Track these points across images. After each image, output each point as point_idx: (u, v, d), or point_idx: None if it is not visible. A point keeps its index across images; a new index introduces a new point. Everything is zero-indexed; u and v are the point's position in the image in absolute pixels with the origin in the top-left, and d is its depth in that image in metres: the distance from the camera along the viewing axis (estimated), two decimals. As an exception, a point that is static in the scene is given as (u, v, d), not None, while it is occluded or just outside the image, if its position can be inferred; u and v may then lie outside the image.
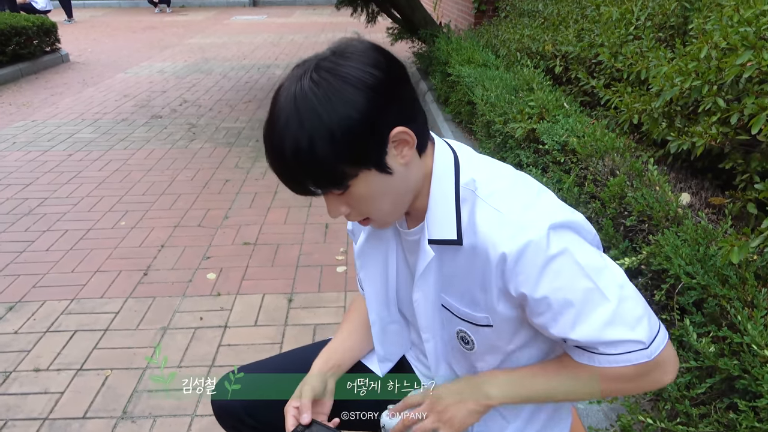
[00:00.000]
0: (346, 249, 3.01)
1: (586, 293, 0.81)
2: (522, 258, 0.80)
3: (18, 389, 2.07)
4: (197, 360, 2.20)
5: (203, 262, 2.91)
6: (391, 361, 1.18)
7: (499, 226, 0.82)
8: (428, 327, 0.99)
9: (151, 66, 8.13)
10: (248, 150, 4.60)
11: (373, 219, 0.89)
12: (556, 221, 0.81)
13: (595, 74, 2.65)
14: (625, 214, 1.79)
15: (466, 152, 0.93)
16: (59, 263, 2.92)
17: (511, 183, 0.88)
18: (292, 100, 0.76)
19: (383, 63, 0.80)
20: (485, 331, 0.92)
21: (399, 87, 0.81)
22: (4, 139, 4.89)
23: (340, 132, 0.75)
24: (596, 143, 2.01)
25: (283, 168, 0.80)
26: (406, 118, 0.81)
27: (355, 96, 0.76)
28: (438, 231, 0.88)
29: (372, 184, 0.81)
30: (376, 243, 1.02)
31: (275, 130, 0.78)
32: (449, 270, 0.91)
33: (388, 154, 0.81)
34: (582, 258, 0.81)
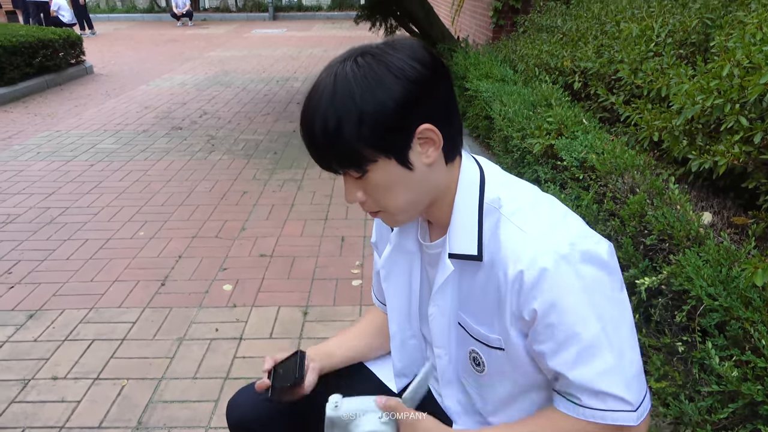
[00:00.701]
0: (362, 263, 3.01)
1: (595, 336, 0.79)
2: (541, 281, 0.79)
3: (36, 397, 2.09)
4: (212, 372, 2.21)
5: (220, 274, 2.93)
6: (407, 377, 1.18)
7: (521, 244, 0.81)
8: (442, 343, 0.98)
9: (172, 78, 8.27)
10: (266, 162, 4.64)
11: (385, 212, 0.89)
12: (581, 248, 0.79)
13: (614, 90, 2.63)
14: (645, 233, 1.76)
15: (493, 169, 0.92)
16: (79, 272, 2.96)
17: (537, 203, 0.87)
18: (333, 77, 0.79)
19: (428, 61, 0.81)
20: (497, 354, 0.91)
21: (438, 87, 0.82)
22: (29, 149, 4.99)
23: (369, 115, 0.77)
24: (616, 160, 1.99)
25: (310, 139, 0.82)
26: (438, 118, 0.82)
27: (393, 84, 0.77)
28: (459, 245, 0.88)
29: (390, 174, 0.82)
30: (401, 255, 1.02)
31: (311, 102, 0.80)
32: (468, 286, 0.91)
33: (412, 149, 0.81)
34: (599, 298, 0.80)
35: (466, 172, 0.89)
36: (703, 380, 1.42)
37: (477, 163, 0.92)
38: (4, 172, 4.42)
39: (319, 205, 3.78)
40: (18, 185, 4.15)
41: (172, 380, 2.17)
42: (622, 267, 1.89)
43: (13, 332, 2.47)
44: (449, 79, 0.85)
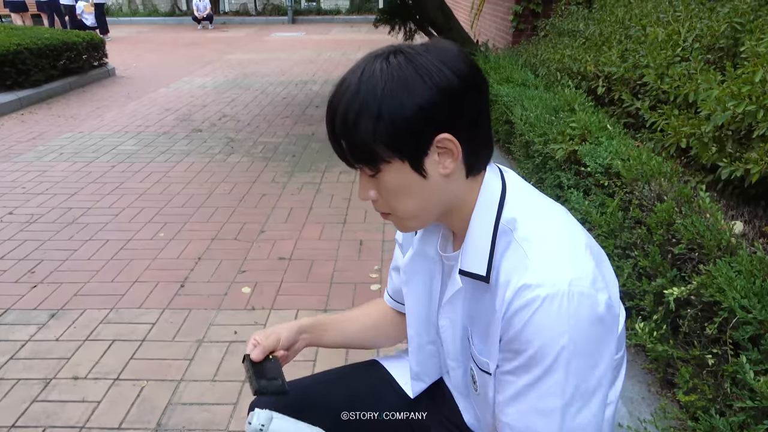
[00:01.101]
0: (380, 267, 3.00)
1: (552, 387, 0.75)
2: (526, 310, 0.75)
3: (57, 396, 2.11)
4: (231, 375, 2.20)
5: (239, 276, 2.94)
6: (424, 381, 1.16)
7: (521, 271, 0.77)
8: (455, 355, 0.97)
9: (192, 81, 8.35)
10: (285, 165, 4.65)
11: (395, 215, 0.87)
12: (580, 290, 0.74)
13: (639, 96, 2.59)
14: (673, 242, 1.72)
15: (517, 187, 0.88)
16: (100, 272, 2.98)
17: (553, 231, 0.82)
18: (361, 71, 0.79)
19: (462, 70, 0.78)
20: (485, 377, 0.89)
21: (467, 98, 0.79)
22: (52, 150, 5.07)
23: (387, 114, 0.76)
24: (642, 167, 1.95)
25: (330, 130, 0.82)
26: (461, 129, 0.79)
27: (417, 87, 0.76)
28: (470, 263, 0.86)
29: (402, 177, 0.81)
30: (422, 261, 1.01)
31: (336, 93, 0.81)
32: (476, 304, 0.89)
33: (428, 156, 0.80)
34: (578, 366, 0.75)
35: (487, 188, 0.86)
36: (735, 395, 1.38)
37: (501, 179, 0.87)
38: (29, 173, 4.49)
39: (338, 208, 3.78)
40: (42, 185, 4.21)
41: (191, 382, 2.17)
42: (650, 276, 1.86)
43: (35, 331, 2.49)
44: (482, 91, 0.82)
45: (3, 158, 4.85)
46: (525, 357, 0.76)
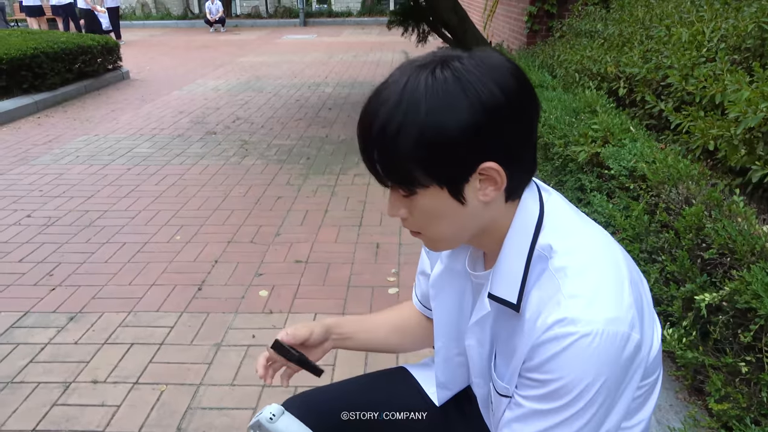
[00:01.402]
0: (398, 270, 2.98)
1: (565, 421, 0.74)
2: (555, 343, 0.72)
3: (77, 400, 2.10)
4: (250, 379, 2.19)
5: (255, 279, 2.93)
6: (450, 390, 1.14)
7: (554, 304, 0.73)
8: (480, 373, 0.94)
9: (205, 83, 8.39)
10: (299, 167, 4.64)
11: (424, 236, 0.84)
12: (615, 330, 0.71)
13: (662, 97, 2.55)
14: (703, 246, 1.68)
15: (556, 210, 0.82)
16: (117, 275, 2.99)
17: (592, 264, 0.76)
18: (404, 84, 0.72)
19: (512, 88, 0.72)
20: (501, 400, 0.86)
21: (514, 120, 0.73)
22: (68, 153, 5.10)
23: (430, 137, 0.70)
24: (669, 170, 1.91)
25: (364, 142, 0.76)
26: (506, 156, 0.73)
27: (463, 109, 0.69)
28: (500, 288, 0.82)
29: (438, 203, 0.76)
30: (452, 277, 0.98)
31: (374, 101, 0.74)
32: (502, 327, 0.85)
33: (468, 183, 0.74)
34: (597, 405, 0.73)
35: (524, 212, 0.81)
36: (772, 405, 1.34)
37: (540, 201, 0.82)
38: (46, 175, 4.52)
39: (353, 211, 3.76)
40: (59, 188, 4.24)
41: (210, 387, 2.16)
42: (678, 281, 1.82)
43: (54, 334, 2.50)
44: (534, 112, 0.76)
45: (20, 161, 4.89)
46: (546, 390, 0.74)
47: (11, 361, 2.32)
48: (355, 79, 8.52)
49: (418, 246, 3.24)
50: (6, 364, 2.30)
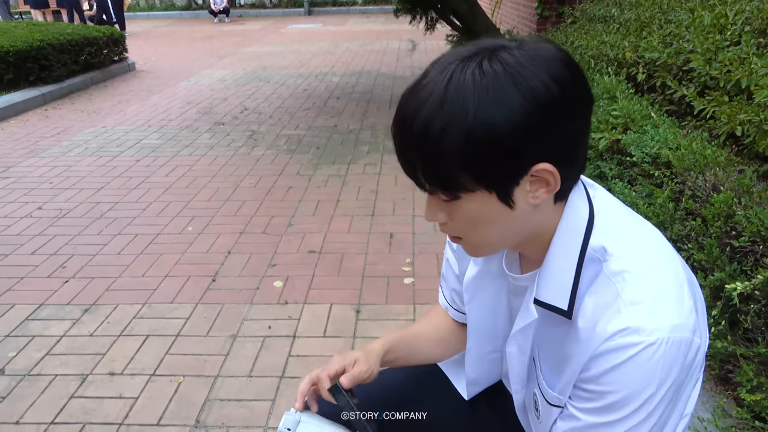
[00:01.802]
0: (412, 260, 2.95)
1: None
2: (617, 354, 0.68)
3: (94, 393, 2.09)
4: (267, 370, 2.17)
5: (269, 270, 2.91)
6: (480, 385, 1.11)
7: (614, 312, 0.69)
8: (520, 380, 0.90)
9: (211, 74, 8.34)
10: (309, 157, 4.61)
11: (466, 242, 0.78)
12: (679, 338, 0.67)
13: (683, 82, 2.49)
14: (732, 234, 1.64)
15: (607, 210, 0.77)
16: (130, 267, 2.97)
17: (652, 268, 0.71)
18: (448, 79, 0.65)
19: (567, 81, 0.66)
20: (552, 410, 0.81)
21: (570, 116, 0.67)
22: (77, 145, 5.08)
23: (479, 137, 0.64)
24: (695, 156, 1.87)
25: (402, 143, 0.70)
26: (560, 156, 0.68)
27: (517, 106, 0.63)
28: (548, 294, 0.77)
29: (485, 208, 0.70)
30: (488, 279, 0.94)
31: (412, 99, 0.68)
32: (548, 333, 0.81)
33: (518, 186, 0.68)
34: (657, 413, 0.69)
35: (572, 214, 0.75)
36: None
37: (588, 200, 0.76)
38: (55, 168, 4.50)
39: (365, 200, 3.73)
40: (68, 180, 4.22)
41: (228, 378, 2.14)
42: (705, 269, 1.78)
43: (69, 327, 2.48)
44: (589, 106, 0.70)
45: (29, 153, 4.87)
46: (605, 402, 0.71)
47: (27, 354, 2.31)
48: (362, 68, 8.45)
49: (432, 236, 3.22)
50: (22, 357, 2.29)
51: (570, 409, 0.77)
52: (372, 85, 7.28)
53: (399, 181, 4.02)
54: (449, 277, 1.11)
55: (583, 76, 0.70)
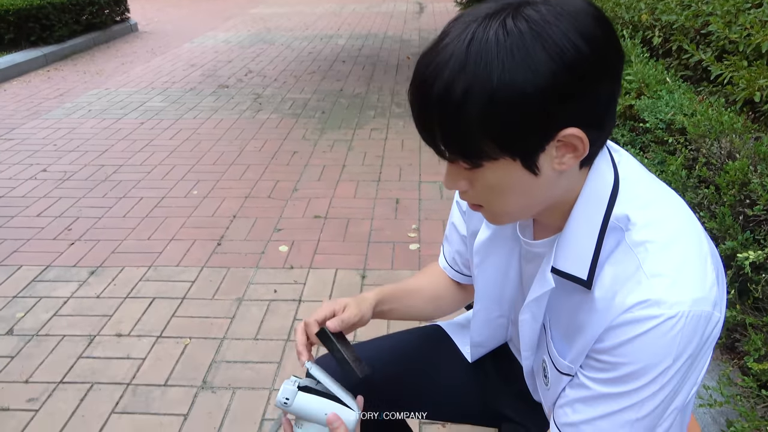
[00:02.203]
0: (418, 226, 2.93)
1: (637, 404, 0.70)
2: (635, 326, 0.66)
3: (102, 353, 2.11)
4: (273, 333, 2.19)
5: (275, 234, 2.90)
6: (485, 348, 1.11)
7: (634, 283, 0.67)
8: (530, 347, 0.88)
9: (215, 36, 8.20)
10: (315, 122, 4.55)
11: (487, 210, 0.75)
12: (700, 312, 0.66)
13: (701, 46, 2.42)
14: (746, 203, 1.61)
15: (634, 176, 0.74)
16: (136, 230, 2.97)
17: (676, 239, 0.69)
18: (469, 39, 0.61)
19: (597, 38, 0.61)
20: (561, 378, 0.80)
21: (600, 76, 0.63)
22: (80, 107, 5.03)
23: (504, 101, 0.60)
24: (711, 122, 1.82)
25: (421, 107, 0.66)
26: (589, 120, 0.64)
27: (544, 67, 0.59)
28: (566, 263, 0.74)
29: (509, 176, 0.67)
30: (500, 242, 0.91)
31: (432, 61, 0.63)
32: (563, 301, 0.79)
33: (544, 152, 0.65)
34: (671, 386, 0.68)
35: (597, 180, 0.72)
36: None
37: (614, 169, 0.73)
38: (59, 130, 4.47)
39: (371, 166, 3.69)
40: (72, 143, 4.19)
41: (234, 341, 2.16)
42: (717, 238, 1.75)
43: (76, 288, 2.50)
44: (620, 64, 0.66)
45: (33, 115, 4.83)
46: (618, 373, 0.69)
47: (35, 314, 2.33)
48: (368, 31, 8.28)
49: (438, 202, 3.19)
50: (31, 317, 2.31)
51: (581, 378, 0.75)
52: (378, 48, 7.15)
53: (405, 147, 3.98)
54: (453, 239, 1.09)
55: (614, 32, 0.65)
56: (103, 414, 1.85)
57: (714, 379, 1.66)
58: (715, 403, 1.50)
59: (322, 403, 0.85)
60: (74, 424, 1.81)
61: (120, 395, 1.92)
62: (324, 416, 0.84)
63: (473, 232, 0.98)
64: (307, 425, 0.86)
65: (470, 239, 1.00)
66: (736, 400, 1.54)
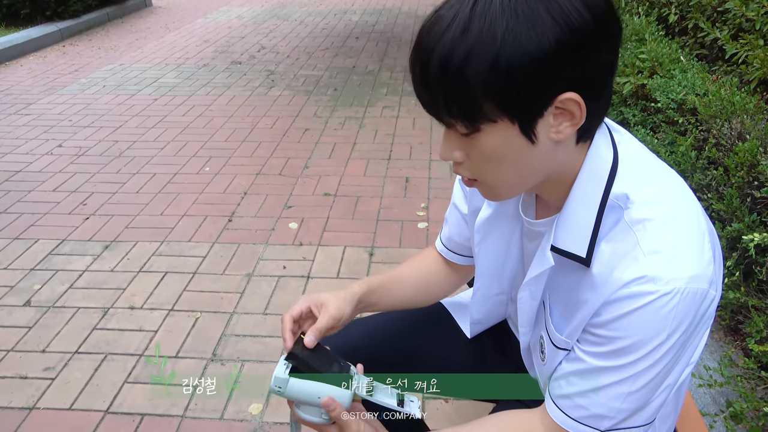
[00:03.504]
0: (427, 205, 2.94)
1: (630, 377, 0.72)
2: (632, 301, 0.68)
3: (115, 325, 2.17)
4: (282, 308, 2.23)
5: (285, 211, 2.93)
6: (484, 324, 1.13)
7: (630, 260, 0.69)
8: (528, 323, 0.90)
9: (229, 11, 8.16)
10: (326, 99, 4.54)
11: (483, 184, 0.76)
12: (695, 288, 0.67)
13: (717, 24, 2.37)
14: (755, 184, 1.60)
15: (633, 157, 0.75)
16: (149, 206, 3.02)
17: (674, 217, 0.70)
18: (472, 2, 0.63)
19: (600, 6, 0.64)
20: (558, 353, 0.82)
21: (600, 44, 0.65)
22: (95, 83, 5.07)
23: (507, 61, 0.61)
24: (722, 103, 1.80)
25: (422, 72, 0.67)
26: (588, 87, 0.65)
27: (548, 29, 0.61)
28: (566, 241, 0.75)
29: (505, 141, 0.68)
30: (502, 220, 0.92)
31: (434, 26, 0.65)
32: (562, 278, 0.80)
33: (542, 118, 0.66)
34: (664, 362, 0.70)
35: (596, 157, 0.73)
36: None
37: (613, 144, 0.74)
38: (74, 105, 4.51)
39: (382, 144, 3.69)
40: (87, 118, 4.24)
41: (243, 315, 2.21)
42: (723, 220, 1.75)
43: (91, 262, 2.56)
44: (619, 36, 0.68)
45: (48, 90, 4.88)
46: (613, 347, 0.71)
47: (52, 287, 2.39)
48: (383, 6, 8.18)
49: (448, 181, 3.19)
50: (47, 289, 2.37)
51: (577, 351, 0.77)
52: (392, 24, 7.07)
53: (417, 125, 3.96)
54: (452, 219, 1.09)
55: (613, 5, 0.67)
56: (116, 383, 1.91)
57: (715, 360, 1.67)
58: (715, 384, 1.51)
59: (315, 387, 0.85)
60: (89, 391, 1.88)
61: (133, 366, 1.98)
62: (318, 399, 0.85)
63: (475, 209, 0.98)
64: (305, 407, 0.87)
65: (471, 217, 1.00)
66: (736, 381, 1.55)
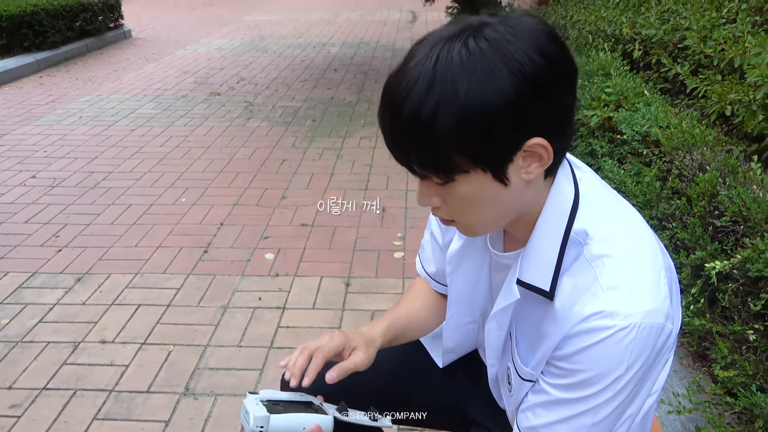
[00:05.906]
0: (404, 234, 2.97)
1: (591, 409, 0.74)
2: (591, 335, 0.70)
3: (86, 360, 2.13)
4: (256, 340, 2.21)
5: (261, 242, 2.93)
6: (456, 353, 1.14)
7: (589, 295, 0.71)
8: (495, 354, 0.92)
9: (209, 43, 8.24)
10: (305, 130, 4.59)
11: (460, 224, 0.79)
12: (652, 323, 0.69)
13: (678, 60, 2.48)
14: (715, 214, 1.66)
15: (593, 192, 0.78)
16: (123, 237, 2.99)
17: (631, 255, 0.73)
18: (435, 60, 0.65)
19: (553, 53, 0.66)
20: (524, 385, 0.84)
21: (558, 88, 0.67)
22: (72, 113, 5.05)
23: (472, 116, 0.64)
24: (684, 135, 1.87)
25: (393, 127, 0.69)
26: (552, 129, 0.68)
27: (506, 82, 0.63)
28: (531, 275, 0.78)
29: (480, 188, 0.70)
30: (472, 252, 0.95)
31: (401, 84, 0.66)
32: (527, 311, 0.83)
33: (512, 163, 0.69)
34: (624, 394, 0.73)
35: (559, 194, 0.76)
36: (780, 373, 1.34)
37: (574, 181, 0.77)
38: (50, 136, 4.48)
39: (359, 174, 3.73)
40: (63, 149, 4.21)
41: (218, 348, 2.18)
42: (688, 248, 1.80)
43: (62, 295, 2.51)
44: (575, 77, 0.71)
45: (24, 121, 4.85)
46: (575, 380, 0.74)
47: (21, 321, 2.34)
48: (361, 39, 8.35)
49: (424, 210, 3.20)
50: (16, 324, 2.32)
51: (541, 383, 0.79)
52: (371, 57, 7.20)
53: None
54: (431, 251, 1.11)
55: (567, 48, 0.70)
56: (85, 420, 1.86)
57: (684, 387, 1.70)
58: (684, 410, 1.53)
59: (298, 418, 0.86)
60: (56, 429, 1.83)
61: (103, 401, 1.94)
62: (303, 430, 0.85)
63: (447, 242, 1.02)
64: None
65: (444, 249, 1.03)
66: (704, 407, 1.57)
